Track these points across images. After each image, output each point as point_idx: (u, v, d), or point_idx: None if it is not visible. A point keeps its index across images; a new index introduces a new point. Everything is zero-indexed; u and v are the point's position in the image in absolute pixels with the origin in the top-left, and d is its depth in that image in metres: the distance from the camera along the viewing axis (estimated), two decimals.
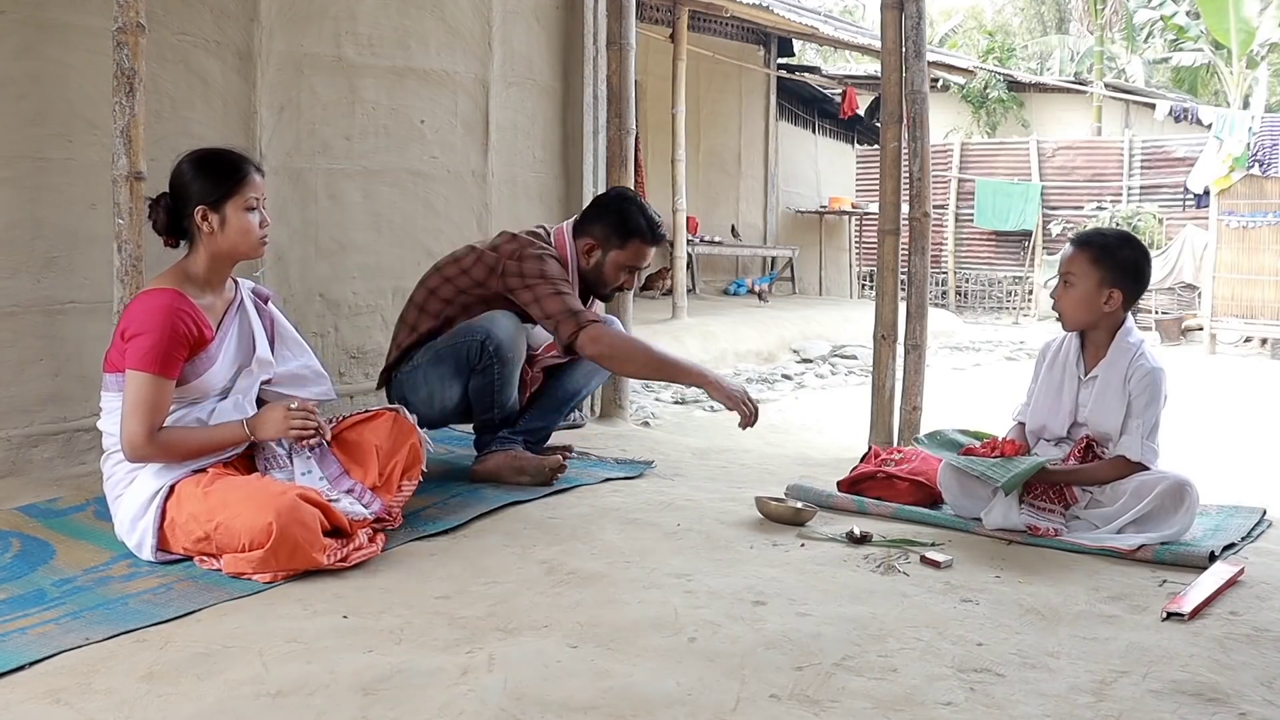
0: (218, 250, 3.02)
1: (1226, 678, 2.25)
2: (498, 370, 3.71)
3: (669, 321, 9.83)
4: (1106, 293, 3.33)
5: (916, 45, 4.76)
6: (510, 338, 3.71)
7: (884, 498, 3.58)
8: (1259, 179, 13.06)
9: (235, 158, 3.08)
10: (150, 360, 2.85)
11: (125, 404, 2.86)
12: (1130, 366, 3.32)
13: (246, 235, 3.03)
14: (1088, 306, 3.35)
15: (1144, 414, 3.29)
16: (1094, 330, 3.40)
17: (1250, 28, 18.99)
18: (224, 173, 3.02)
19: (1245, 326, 12.99)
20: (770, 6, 11.48)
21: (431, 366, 3.76)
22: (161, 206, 3.03)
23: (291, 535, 2.69)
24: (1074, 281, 3.36)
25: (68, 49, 3.71)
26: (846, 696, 2.11)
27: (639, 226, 3.84)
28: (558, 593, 2.67)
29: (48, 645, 2.30)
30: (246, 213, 3.02)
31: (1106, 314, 3.35)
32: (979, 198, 17.82)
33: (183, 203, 3.00)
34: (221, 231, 3.00)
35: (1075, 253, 3.38)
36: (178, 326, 2.88)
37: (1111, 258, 3.33)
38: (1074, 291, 3.36)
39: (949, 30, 29.59)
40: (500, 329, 3.69)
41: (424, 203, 4.96)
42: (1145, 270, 3.41)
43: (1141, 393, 3.29)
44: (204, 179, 2.99)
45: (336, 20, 4.55)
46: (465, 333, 3.72)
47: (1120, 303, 3.34)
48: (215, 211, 2.99)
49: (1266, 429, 7.73)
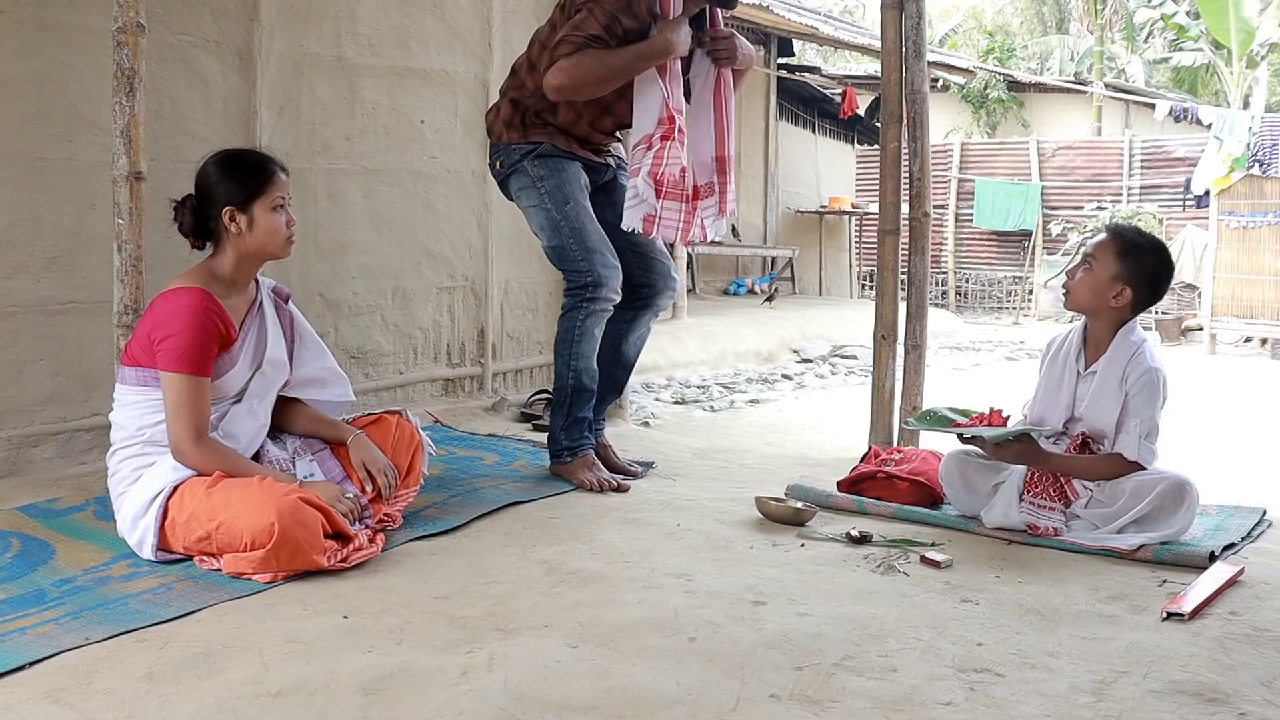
0: (245, 250, 3.03)
1: (1226, 678, 2.25)
2: (582, 318, 3.70)
3: (669, 321, 9.82)
4: (1119, 288, 3.33)
5: (916, 45, 4.76)
6: (614, 282, 3.70)
7: (884, 498, 3.58)
8: (1259, 179, 13.05)
9: (261, 158, 3.10)
10: (186, 360, 2.86)
11: (168, 409, 2.88)
12: (1129, 365, 3.32)
13: (274, 235, 3.04)
14: (1096, 294, 3.37)
15: (1142, 413, 3.28)
16: (1095, 321, 3.41)
17: (1250, 28, 18.98)
18: (251, 173, 3.03)
19: (1245, 326, 12.98)
20: (770, 6, 11.48)
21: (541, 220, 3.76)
22: (187, 208, 3.03)
23: (293, 536, 2.69)
24: (1094, 266, 3.37)
25: (68, 49, 3.70)
26: (846, 696, 2.11)
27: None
28: (558, 593, 2.67)
29: (48, 645, 2.30)
30: (274, 212, 3.03)
31: (1112, 308, 3.36)
32: (979, 198, 17.81)
33: (209, 204, 3.01)
34: (250, 232, 3.01)
35: (1106, 239, 3.40)
36: (208, 325, 2.89)
37: (1136, 258, 3.34)
38: (1090, 276, 3.37)
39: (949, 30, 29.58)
40: (610, 272, 3.68)
41: (424, 203, 4.96)
42: (1163, 281, 3.41)
43: (1139, 391, 3.29)
44: (231, 180, 3.01)
45: (336, 20, 4.55)
46: (577, 251, 3.69)
47: (1129, 302, 3.35)
48: (243, 212, 3.00)
49: (1267, 429, 7.72)
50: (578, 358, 3.76)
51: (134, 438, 2.96)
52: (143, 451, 2.95)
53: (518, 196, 3.85)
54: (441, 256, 5.05)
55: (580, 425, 3.82)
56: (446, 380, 5.13)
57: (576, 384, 3.77)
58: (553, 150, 3.77)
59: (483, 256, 5.21)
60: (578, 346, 3.75)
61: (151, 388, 2.92)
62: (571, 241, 3.72)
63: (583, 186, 3.80)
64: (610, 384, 4.02)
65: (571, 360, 3.76)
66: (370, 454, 3.19)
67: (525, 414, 5.14)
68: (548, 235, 3.77)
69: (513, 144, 3.80)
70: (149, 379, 2.92)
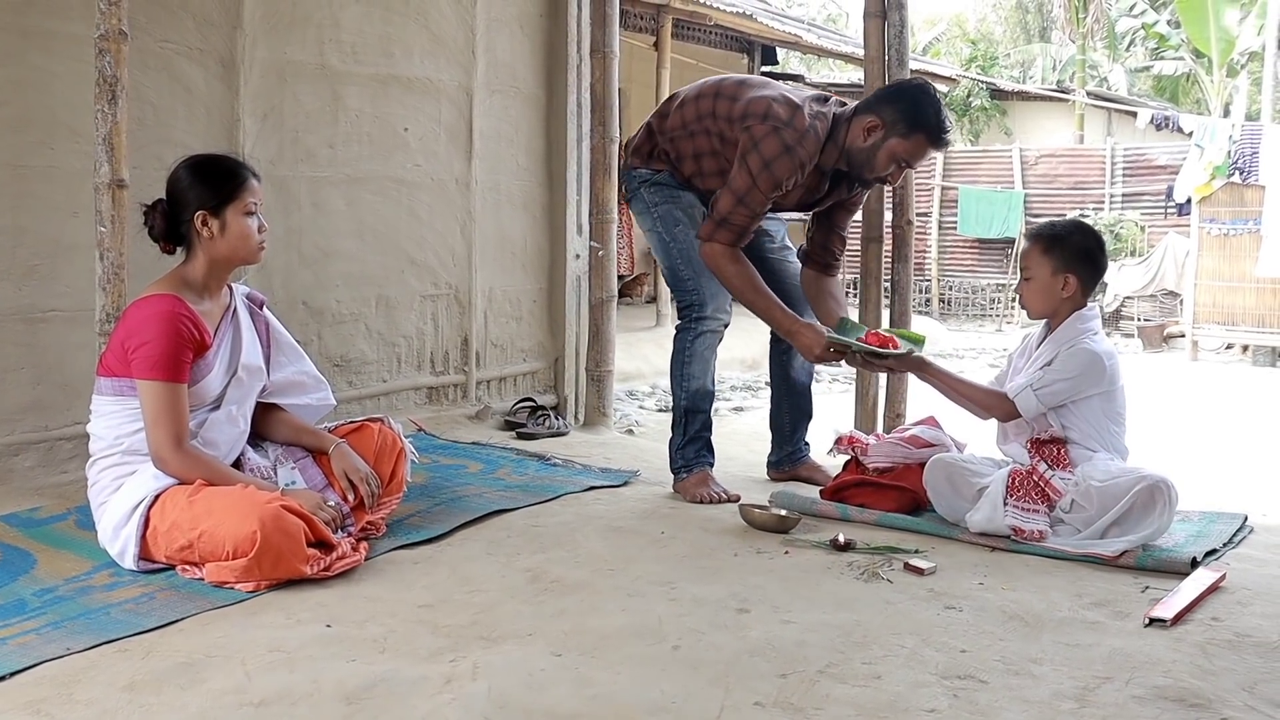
0: (217, 256, 3.02)
1: (1208, 683, 2.26)
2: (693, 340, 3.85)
3: (653, 329, 9.83)
4: (1062, 279, 3.45)
5: (899, 53, 4.78)
6: (721, 302, 3.85)
7: (868, 505, 3.58)
8: (1239, 187, 13.11)
9: (233, 163, 3.10)
10: (161, 368, 2.85)
11: (146, 417, 2.87)
12: (1070, 342, 3.42)
13: (246, 240, 3.04)
14: (1046, 295, 3.49)
15: (1049, 374, 3.39)
16: (1056, 318, 3.51)
17: (1230, 36, 19.11)
18: (223, 178, 3.03)
19: (1227, 333, 13.04)
20: (754, 15, 11.51)
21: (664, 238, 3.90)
22: (159, 212, 3.02)
23: (275, 544, 2.68)
24: (1031, 274, 3.51)
25: (50, 56, 3.69)
26: (831, 704, 2.11)
27: (929, 121, 3.54)
28: (541, 601, 2.67)
29: (28, 655, 2.29)
30: (246, 218, 3.03)
31: (1065, 299, 3.47)
32: (962, 205, 17.85)
33: (181, 208, 3.00)
34: (221, 236, 3.00)
35: (1029, 247, 3.55)
36: (181, 331, 2.88)
37: (1062, 246, 3.47)
38: (1033, 283, 3.51)
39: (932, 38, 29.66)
40: (717, 293, 3.82)
41: (408, 210, 4.95)
42: (1097, 255, 3.53)
43: (1062, 362, 3.39)
44: (203, 184, 3.00)
45: (320, 28, 4.54)
46: (685, 272, 3.83)
47: (1077, 288, 3.46)
48: (215, 217, 2.99)
49: (1248, 436, 7.76)
50: (688, 379, 3.86)
51: (113, 447, 2.94)
52: (122, 461, 2.94)
53: (639, 221, 3.99)
54: (425, 264, 5.05)
55: (696, 444, 3.89)
56: (430, 388, 5.12)
57: (689, 404, 3.87)
58: (669, 180, 3.88)
59: (466, 264, 5.20)
60: (688, 368, 3.86)
61: (128, 397, 2.91)
62: (680, 263, 3.83)
63: (698, 213, 3.86)
64: (795, 412, 4.26)
65: (683, 381, 3.87)
66: (352, 463, 3.18)
67: (509, 422, 5.14)
68: (660, 257, 3.95)
69: (635, 169, 3.97)
70: (125, 388, 2.91)
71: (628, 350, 8.23)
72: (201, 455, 2.93)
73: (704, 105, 3.77)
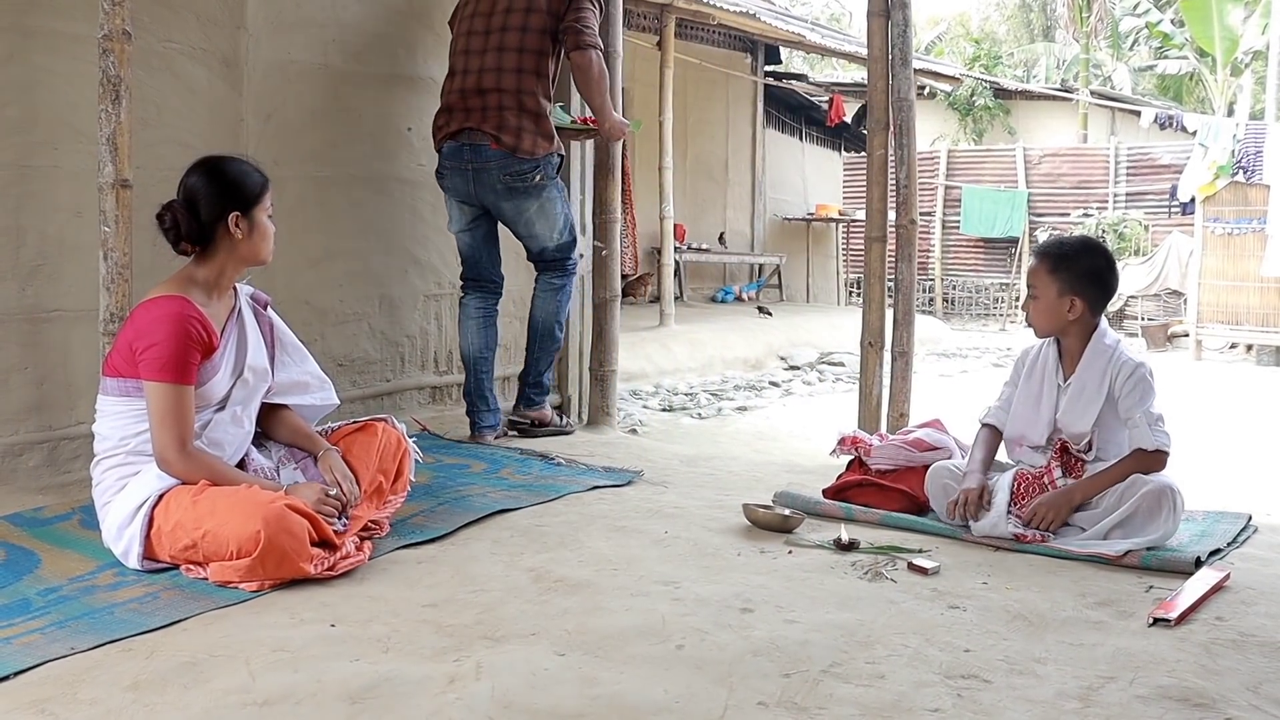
0: (239, 256, 3.05)
1: (1212, 683, 2.25)
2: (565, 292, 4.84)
3: (657, 329, 9.82)
4: (1068, 301, 3.36)
5: (903, 53, 4.78)
6: None
7: (871, 504, 3.58)
8: (1243, 186, 13.10)
9: (253, 165, 3.14)
10: (169, 370, 2.85)
11: (152, 418, 2.87)
12: (1110, 367, 3.33)
13: (268, 240, 3.11)
14: (1051, 316, 3.39)
15: (1142, 406, 3.29)
16: (1066, 337, 3.43)
17: (1234, 35, 19.10)
18: (252, 179, 3.08)
19: (1230, 333, 13.03)
20: (757, 14, 11.50)
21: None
22: (182, 212, 2.99)
23: (279, 544, 2.68)
24: (1037, 293, 3.41)
25: (53, 56, 3.69)
26: (834, 703, 2.11)
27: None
28: (545, 601, 2.67)
29: (33, 655, 2.29)
30: (267, 218, 3.09)
31: (1072, 321, 3.38)
32: (965, 205, 17.85)
33: (209, 209, 3.00)
34: (249, 237, 3.04)
35: (1036, 264, 3.44)
36: (190, 333, 2.89)
37: (1068, 267, 3.36)
38: (1039, 303, 3.41)
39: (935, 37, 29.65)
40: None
41: (411, 210, 4.95)
42: (1107, 276, 3.42)
43: (1133, 389, 3.30)
44: (236, 186, 3.03)
45: (323, 28, 4.55)
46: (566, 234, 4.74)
47: (1083, 310, 3.36)
48: (246, 218, 3.02)
49: (1252, 435, 7.75)
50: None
51: (118, 447, 2.94)
52: (126, 461, 2.94)
53: (545, 198, 4.62)
54: (428, 264, 5.05)
55: None
56: (434, 388, 5.12)
57: None
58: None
59: None
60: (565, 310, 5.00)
61: (134, 398, 2.91)
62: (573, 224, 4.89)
63: None
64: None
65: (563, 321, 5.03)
66: (338, 468, 3.18)
67: (513, 421, 5.14)
68: (557, 221, 4.73)
69: (550, 154, 4.59)
70: (131, 389, 2.91)
71: (631, 350, 8.22)
72: (205, 457, 2.93)
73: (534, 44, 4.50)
